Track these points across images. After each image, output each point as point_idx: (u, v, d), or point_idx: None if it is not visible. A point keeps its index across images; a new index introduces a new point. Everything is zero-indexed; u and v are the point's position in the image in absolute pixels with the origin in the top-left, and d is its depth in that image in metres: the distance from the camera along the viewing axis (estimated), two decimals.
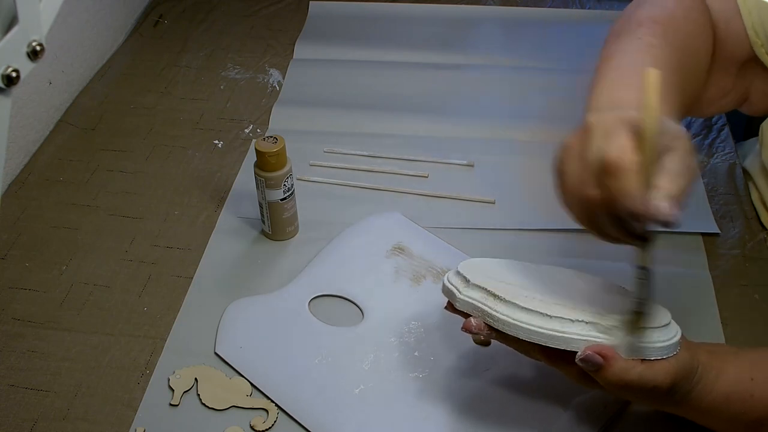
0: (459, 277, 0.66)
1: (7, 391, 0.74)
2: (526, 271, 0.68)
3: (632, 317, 0.60)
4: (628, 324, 0.60)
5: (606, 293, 0.66)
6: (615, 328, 0.59)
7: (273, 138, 0.83)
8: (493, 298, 0.62)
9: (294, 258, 0.87)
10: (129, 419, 0.72)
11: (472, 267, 0.67)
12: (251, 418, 0.71)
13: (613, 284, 0.67)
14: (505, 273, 0.67)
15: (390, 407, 0.72)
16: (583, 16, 1.28)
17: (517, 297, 0.62)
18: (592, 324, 0.60)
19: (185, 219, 0.92)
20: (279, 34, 1.25)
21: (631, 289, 0.60)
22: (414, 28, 1.26)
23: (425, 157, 0.99)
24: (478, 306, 0.63)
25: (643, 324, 0.59)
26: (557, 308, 0.61)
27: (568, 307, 0.61)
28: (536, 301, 0.62)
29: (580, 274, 0.69)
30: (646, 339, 0.59)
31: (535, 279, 0.66)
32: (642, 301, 0.59)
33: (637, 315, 0.60)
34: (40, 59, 0.52)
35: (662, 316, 0.62)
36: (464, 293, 0.64)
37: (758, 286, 0.83)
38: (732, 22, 0.80)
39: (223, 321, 0.79)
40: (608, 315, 0.61)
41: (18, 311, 0.82)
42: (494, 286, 0.63)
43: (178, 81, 1.16)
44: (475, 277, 0.65)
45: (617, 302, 0.63)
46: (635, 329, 0.59)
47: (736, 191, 0.94)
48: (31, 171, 1.00)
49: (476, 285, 0.64)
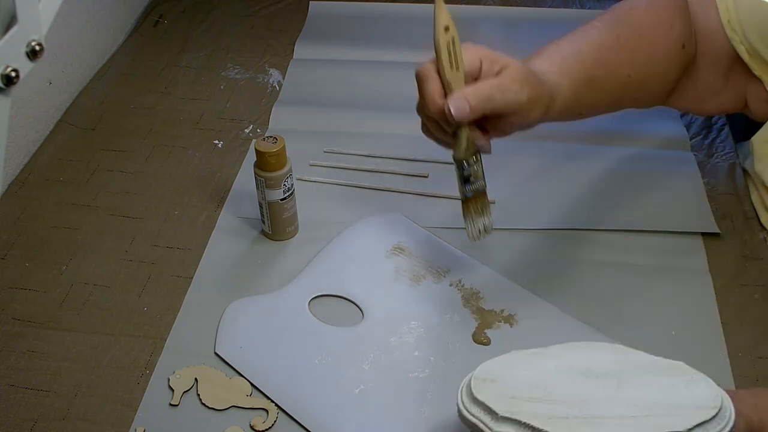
0: (480, 406, 0.59)
1: (7, 391, 0.74)
2: (544, 371, 0.61)
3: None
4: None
5: (633, 373, 0.61)
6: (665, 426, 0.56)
7: (273, 138, 0.83)
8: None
9: (294, 258, 0.87)
10: (129, 419, 0.72)
11: (487, 385, 0.61)
12: (251, 418, 0.71)
13: (631, 351, 0.63)
14: (525, 382, 0.61)
15: (390, 407, 0.72)
16: (583, 16, 1.27)
17: (559, 425, 0.56)
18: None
19: (185, 219, 0.92)
20: (279, 34, 1.26)
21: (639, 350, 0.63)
22: (414, 28, 1.26)
23: (425, 157, 0.99)
24: None
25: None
26: (606, 426, 0.56)
27: (615, 418, 0.57)
28: (580, 423, 0.57)
29: (596, 348, 0.64)
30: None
31: (559, 381, 0.60)
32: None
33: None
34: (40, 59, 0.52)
35: (711, 396, 0.58)
36: (495, 430, 0.58)
37: (758, 286, 0.83)
38: (709, 15, 0.83)
39: (223, 321, 0.79)
40: (657, 414, 0.57)
41: (18, 311, 0.82)
42: (528, 414, 0.57)
43: (178, 81, 1.16)
44: (499, 403, 0.58)
45: (655, 387, 0.60)
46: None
47: (736, 191, 0.94)
48: (31, 171, 1.00)
49: (506, 417, 0.58)
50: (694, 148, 1.00)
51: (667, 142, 1.01)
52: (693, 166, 0.97)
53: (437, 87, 0.69)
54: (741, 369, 0.75)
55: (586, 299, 0.82)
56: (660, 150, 1.00)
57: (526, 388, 0.60)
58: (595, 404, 0.58)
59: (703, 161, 0.98)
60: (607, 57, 0.79)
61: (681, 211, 0.91)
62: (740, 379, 0.74)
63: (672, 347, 0.76)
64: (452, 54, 0.67)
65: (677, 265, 0.85)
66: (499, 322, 0.79)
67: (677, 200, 0.92)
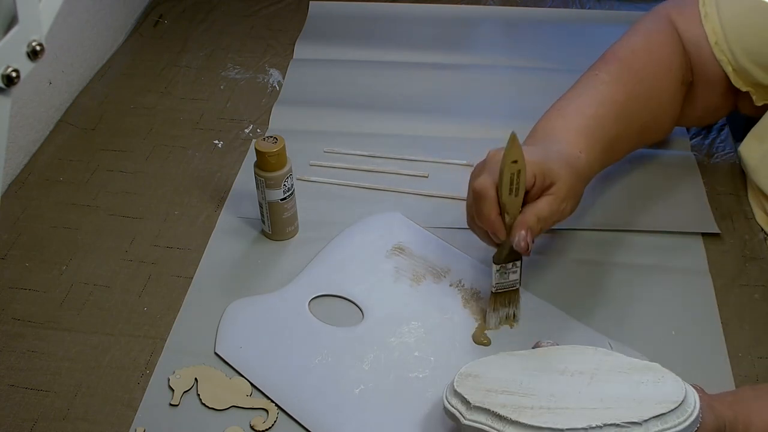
0: (458, 398, 0.64)
1: (7, 391, 0.74)
2: (525, 369, 0.66)
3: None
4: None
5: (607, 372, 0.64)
6: (632, 424, 0.58)
7: (273, 138, 0.83)
8: (500, 420, 0.61)
9: (294, 258, 0.87)
10: (129, 419, 0.72)
11: (469, 380, 0.65)
12: (251, 418, 0.71)
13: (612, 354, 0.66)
14: (503, 378, 0.65)
15: (390, 407, 0.72)
16: (583, 16, 1.28)
17: (523, 413, 0.60)
18: (607, 427, 0.58)
19: (185, 219, 0.92)
20: (279, 34, 1.26)
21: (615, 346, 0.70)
22: (414, 28, 1.26)
23: (425, 157, 0.99)
24: (485, 431, 0.61)
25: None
26: (566, 416, 0.60)
27: (577, 409, 0.60)
28: (543, 411, 0.60)
29: (580, 351, 0.67)
30: (664, 425, 0.58)
31: (535, 377, 0.64)
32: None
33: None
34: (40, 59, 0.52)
35: (675, 392, 0.61)
36: (468, 418, 0.63)
37: (758, 286, 0.83)
38: (702, 46, 0.86)
39: (223, 321, 0.79)
40: (618, 407, 0.60)
41: (18, 311, 0.82)
42: (497, 404, 0.62)
43: (178, 81, 1.16)
44: (474, 395, 0.63)
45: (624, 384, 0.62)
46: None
47: (736, 191, 0.94)
48: (31, 171, 1.00)
49: (478, 407, 0.62)
50: (694, 148, 1.00)
51: (667, 142, 1.01)
52: (693, 166, 0.97)
53: (495, 208, 0.72)
54: (741, 369, 0.75)
55: (586, 299, 0.82)
56: (660, 150, 1.00)
57: (502, 383, 0.64)
58: (563, 397, 0.62)
59: (703, 161, 0.98)
60: (621, 113, 0.83)
61: (681, 211, 0.91)
62: (740, 379, 0.74)
63: (672, 347, 0.77)
64: (515, 183, 0.71)
65: (677, 265, 0.85)
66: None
67: (677, 200, 0.92)
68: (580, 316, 0.79)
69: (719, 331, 0.78)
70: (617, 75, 0.85)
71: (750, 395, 0.65)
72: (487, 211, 0.72)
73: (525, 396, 0.62)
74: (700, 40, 0.87)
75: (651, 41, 0.88)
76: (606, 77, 0.85)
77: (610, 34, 0.92)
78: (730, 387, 0.73)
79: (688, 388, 0.61)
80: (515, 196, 0.71)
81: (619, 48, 0.88)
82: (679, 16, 0.89)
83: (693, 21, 0.87)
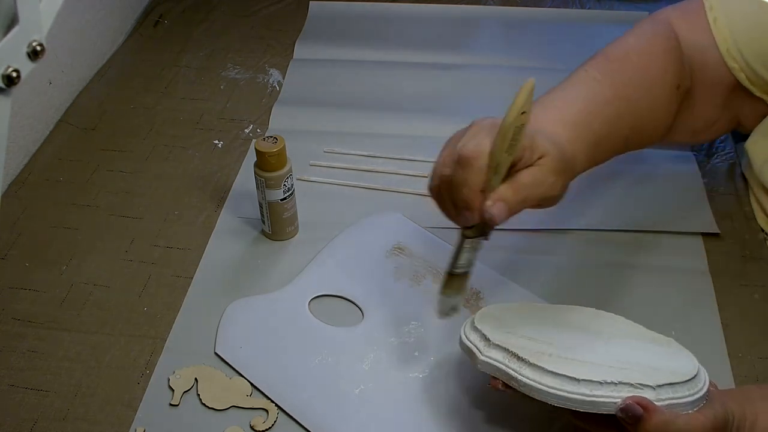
0: (477, 333, 0.64)
1: (7, 391, 0.74)
2: (545, 319, 0.67)
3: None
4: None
5: (627, 338, 0.66)
6: (645, 387, 0.59)
7: (273, 138, 0.83)
8: (517, 360, 0.61)
9: (294, 258, 0.87)
10: (129, 419, 0.72)
11: (489, 319, 0.66)
12: (251, 418, 0.71)
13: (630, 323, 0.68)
14: (524, 324, 0.66)
15: (390, 407, 0.72)
16: (583, 16, 1.28)
17: (542, 358, 0.61)
18: (621, 385, 0.59)
19: (185, 219, 0.92)
20: (279, 34, 1.25)
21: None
22: (414, 28, 1.26)
23: (425, 157, 0.99)
24: (502, 369, 0.62)
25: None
26: (584, 368, 0.60)
27: (595, 364, 0.61)
28: (561, 360, 0.61)
29: (599, 314, 0.68)
30: (675, 394, 0.59)
31: (555, 329, 0.65)
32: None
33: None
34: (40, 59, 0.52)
35: (688, 366, 0.62)
36: (485, 354, 0.63)
37: (758, 286, 0.83)
38: (707, 52, 0.86)
39: (223, 321, 0.79)
40: (633, 370, 0.61)
41: (18, 311, 0.82)
42: (517, 346, 0.62)
43: (178, 81, 1.16)
44: (495, 334, 0.63)
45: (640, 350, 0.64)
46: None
47: (736, 191, 0.94)
48: (31, 171, 1.00)
49: (497, 345, 0.63)
50: (694, 148, 1.00)
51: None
52: (693, 166, 0.97)
53: (482, 179, 0.63)
54: (741, 369, 0.75)
55: (586, 299, 0.81)
56: (660, 150, 0.99)
57: (522, 328, 0.65)
58: (581, 350, 0.63)
59: (703, 161, 0.98)
60: (609, 113, 0.78)
61: (681, 211, 0.91)
62: (740, 379, 0.74)
63: None
64: (515, 139, 0.62)
65: (677, 265, 0.85)
66: None
67: (677, 200, 0.92)
68: None
69: (719, 331, 0.78)
70: (608, 74, 0.82)
71: (757, 395, 0.65)
72: (473, 181, 0.63)
73: (544, 344, 0.63)
74: (706, 47, 0.85)
75: (646, 44, 0.85)
76: (597, 75, 0.81)
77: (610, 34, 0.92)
78: (730, 387, 0.73)
79: (701, 367, 0.62)
80: (509, 155, 0.63)
81: (612, 48, 0.85)
82: (682, 22, 0.87)
83: (698, 27, 0.85)
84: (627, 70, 0.83)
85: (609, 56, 0.84)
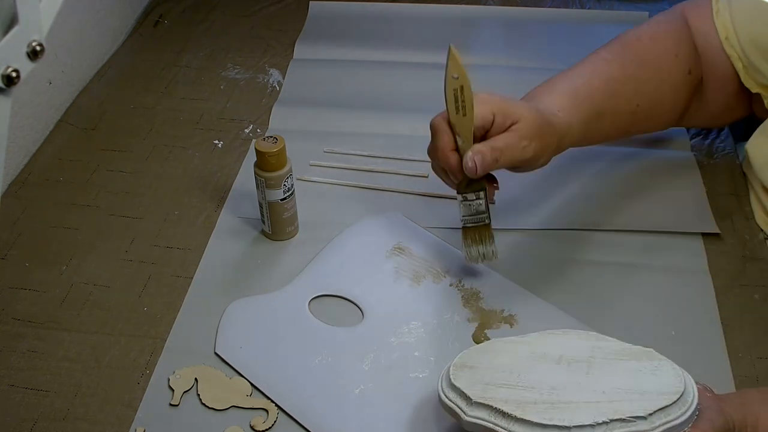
0: (456, 392, 0.63)
1: (7, 391, 0.74)
2: (519, 358, 0.65)
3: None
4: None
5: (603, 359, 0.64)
6: (637, 419, 0.58)
7: (273, 138, 0.83)
8: (504, 417, 0.60)
9: (294, 258, 0.87)
10: (129, 419, 0.72)
11: (464, 372, 0.64)
12: (251, 418, 0.71)
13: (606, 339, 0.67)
14: (498, 370, 0.64)
15: (390, 407, 0.72)
16: (583, 16, 1.28)
17: (527, 409, 0.60)
18: (613, 422, 0.58)
19: (185, 219, 0.92)
20: (279, 34, 1.25)
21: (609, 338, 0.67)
22: (414, 28, 1.26)
23: (425, 157, 0.98)
24: (490, 428, 0.61)
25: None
26: (571, 410, 0.59)
27: (581, 402, 0.60)
28: (547, 407, 0.60)
29: (569, 337, 0.67)
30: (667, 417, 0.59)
31: (532, 368, 0.64)
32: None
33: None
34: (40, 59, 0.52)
35: (675, 382, 0.61)
36: (470, 414, 0.62)
37: (758, 286, 0.83)
38: (710, 39, 0.88)
39: (223, 321, 0.79)
40: (620, 399, 0.60)
41: (18, 311, 0.82)
42: (499, 400, 0.61)
43: (178, 81, 1.16)
44: (473, 389, 0.62)
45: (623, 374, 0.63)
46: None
47: (736, 191, 0.94)
48: (31, 171, 1.00)
49: (479, 403, 0.61)
50: (694, 148, 1.00)
51: (667, 142, 1.01)
52: (693, 166, 0.97)
53: (448, 139, 0.75)
54: (741, 369, 0.75)
55: (586, 299, 0.82)
56: (660, 150, 1.00)
57: (499, 375, 0.64)
58: (563, 390, 0.62)
59: (703, 161, 0.98)
60: (615, 89, 0.83)
61: (681, 211, 0.91)
62: (740, 379, 0.74)
63: (672, 347, 0.76)
64: (459, 100, 0.73)
65: (677, 265, 0.85)
66: (499, 322, 0.79)
67: (677, 200, 0.92)
68: (580, 316, 0.79)
69: (719, 331, 0.78)
70: (618, 55, 0.85)
71: (756, 398, 0.64)
72: (441, 144, 0.74)
73: (526, 389, 0.62)
74: (710, 35, 0.87)
75: (658, 30, 0.88)
76: (607, 56, 0.85)
77: (610, 34, 0.92)
78: (730, 387, 0.73)
79: (686, 376, 0.62)
80: (463, 116, 0.73)
81: (626, 33, 0.89)
82: (692, 11, 0.89)
83: (705, 16, 0.87)
84: (638, 52, 0.86)
85: (621, 40, 0.88)
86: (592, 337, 0.67)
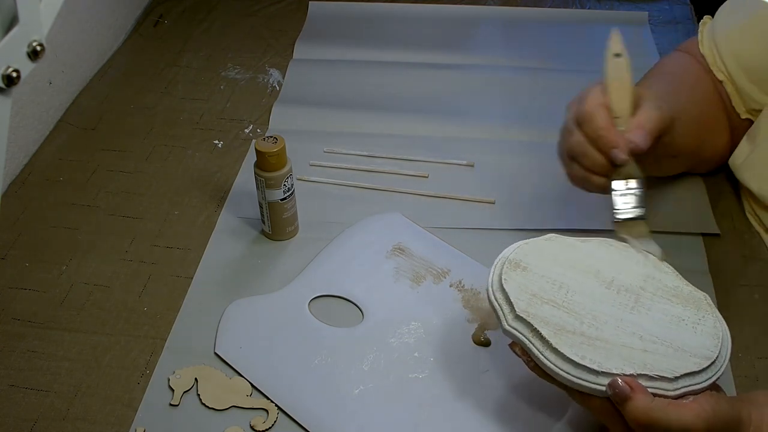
0: (503, 295, 0.64)
1: (7, 391, 0.74)
2: (570, 270, 0.66)
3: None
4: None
5: (652, 295, 0.65)
6: (662, 378, 0.59)
7: (273, 138, 0.83)
8: (540, 341, 0.61)
9: (294, 258, 0.87)
10: (129, 419, 0.72)
11: (516, 275, 0.65)
12: (251, 418, 0.71)
13: (654, 265, 0.68)
14: (549, 279, 0.65)
15: (390, 408, 0.72)
16: (583, 16, 1.28)
17: (564, 340, 0.61)
18: (639, 376, 0.59)
19: (185, 219, 0.92)
20: (279, 34, 1.26)
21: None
22: (414, 28, 1.26)
23: (425, 157, 0.99)
24: (525, 344, 0.62)
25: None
26: (604, 352, 0.60)
27: (615, 345, 0.61)
28: (583, 342, 0.61)
29: (627, 255, 0.69)
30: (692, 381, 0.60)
31: (580, 286, 0.65)
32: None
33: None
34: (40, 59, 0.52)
35: (710, 344, 0.62)
36: (511, 324, 0.63)
37: (758, 286, 0.83)
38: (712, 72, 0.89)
39: (223, 321, 0.79)
40: (654, 351, 0.61)
41: (18, 311, 0.82)
42: (541, 319, 0.62)
43: (178, 81, 1.16)
44: (520, 299, 0.63)
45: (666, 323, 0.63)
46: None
47: (736, 191, 0.94)
48: (31, 171, 1.00)
49: (521, 317, 0.63)
50: None
51: None
52: None
53: (609, 120, 0.72)
54: (741, 369, 0.75)
55: None
56: None
57: (549, 288, 0.65)
58: (604, 325, 0.63)
59: None
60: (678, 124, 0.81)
61: (681, 211, 0.91)
62: (740, 379, 0.74)
63: None
64: (619, 80, 0.74)
65: (677, 265, 0.85)
66: None
67: (677, 200, 0.92)
68: None
69: None
70: (669, 90, 0.85)
71: (762, 401, 0.64)
72: (604, 123, 0.72)
73: (569, 313, 0.63)
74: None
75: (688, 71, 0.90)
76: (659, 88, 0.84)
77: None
78: (730, 387, 0.73)
79: (724, 338, 0.63)
80: (622, 94, 0.73)
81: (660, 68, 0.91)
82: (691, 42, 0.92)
83: (695, 49, 0.90)
84: (682, 90, 0.86)
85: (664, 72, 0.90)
86: (649, 264, 0.68)
